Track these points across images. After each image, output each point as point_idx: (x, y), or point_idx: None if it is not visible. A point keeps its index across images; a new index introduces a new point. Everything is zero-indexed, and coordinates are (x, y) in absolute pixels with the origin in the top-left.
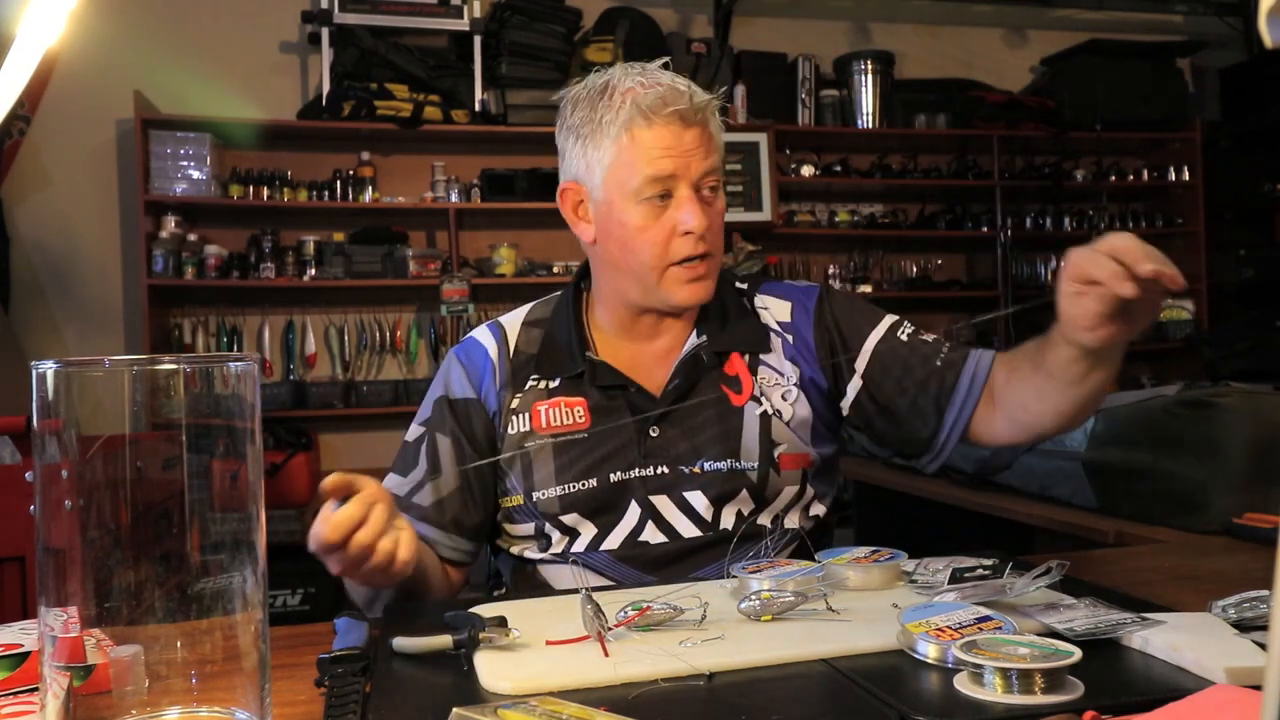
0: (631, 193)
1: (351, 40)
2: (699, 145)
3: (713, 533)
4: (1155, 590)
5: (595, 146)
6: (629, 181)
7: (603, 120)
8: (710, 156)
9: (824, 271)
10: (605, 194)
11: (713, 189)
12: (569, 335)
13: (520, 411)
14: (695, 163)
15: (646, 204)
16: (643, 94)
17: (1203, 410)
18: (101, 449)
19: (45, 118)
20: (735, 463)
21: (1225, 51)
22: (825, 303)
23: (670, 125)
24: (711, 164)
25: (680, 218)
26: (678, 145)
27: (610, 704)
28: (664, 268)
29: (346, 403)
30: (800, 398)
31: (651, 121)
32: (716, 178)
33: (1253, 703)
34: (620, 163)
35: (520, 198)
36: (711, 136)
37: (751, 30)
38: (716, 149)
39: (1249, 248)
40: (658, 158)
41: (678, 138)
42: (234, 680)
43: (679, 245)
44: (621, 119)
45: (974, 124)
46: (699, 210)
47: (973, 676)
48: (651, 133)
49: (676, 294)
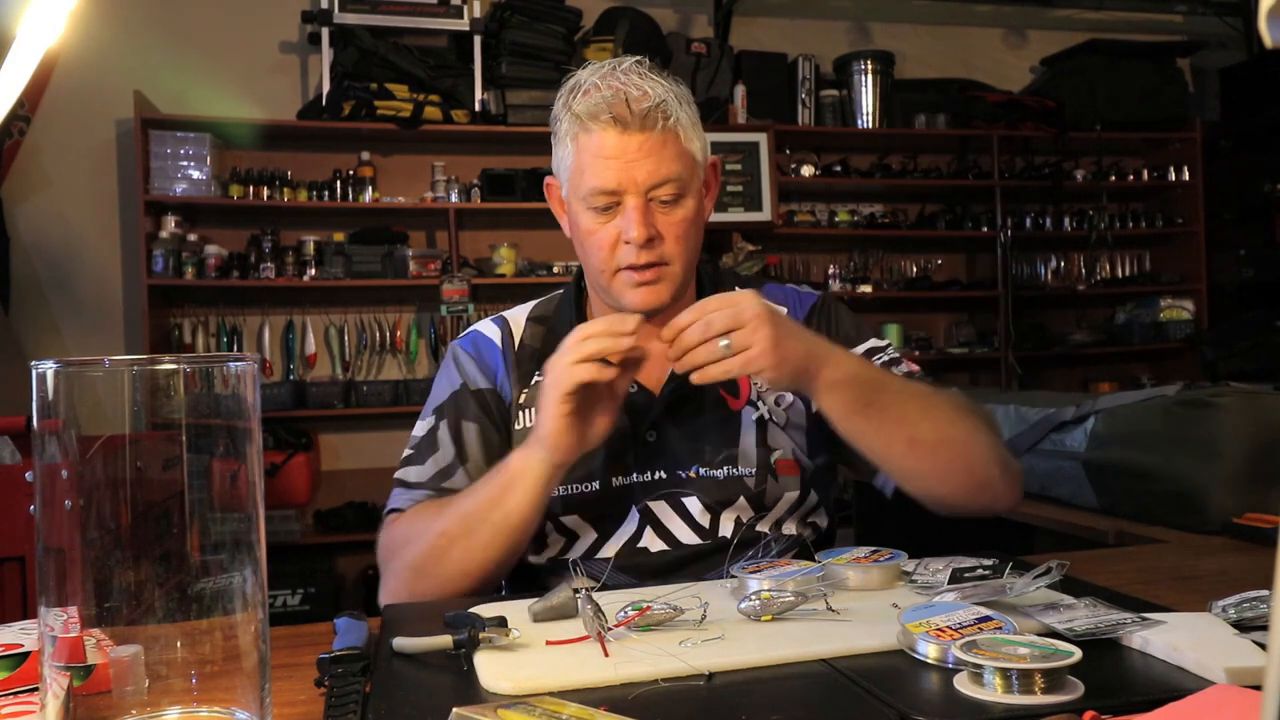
0: (581, 199)
1: (351, 40)
2: (647, 154)
3: (711, 540)
4: (1155, 590)
5: (560, 146)
6: (580, 187)
7: (560, 121)
8: (665, 165)
9: (824, 271)
10: (568, 194)
11: (670, 198)
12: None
13: (526, 406)
14: (641, 173)
15: (595, 210)
16: (584, 99)
17: (1203, 410)
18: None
19: (45, 118)
20: (733, 469)
21: (1225, 51)
22: (816, 315)
23: (607, 132)
24: (665, 173)
25: (623, 227)
26: (621, 154)
27: (610, 704)
28: (613, 271)
29: (346, 403)
30: (795, 402)
31: (589, 128)
32: (676, 185)
33: (1253, 703)
34: (574, 167)
35: (520, 198)
36: (666, 142)
37: (751, 30)
38: (677, 155)
39: (1249, 248)
40: (601, 168)
41: (619, 145)
42: (234, 680)
43: (623, 253)
44: (570, 123)
45: (974, 124)
46: (640, 221)
47: (973, 676)
48: (591, 139)
49: (625, 296)
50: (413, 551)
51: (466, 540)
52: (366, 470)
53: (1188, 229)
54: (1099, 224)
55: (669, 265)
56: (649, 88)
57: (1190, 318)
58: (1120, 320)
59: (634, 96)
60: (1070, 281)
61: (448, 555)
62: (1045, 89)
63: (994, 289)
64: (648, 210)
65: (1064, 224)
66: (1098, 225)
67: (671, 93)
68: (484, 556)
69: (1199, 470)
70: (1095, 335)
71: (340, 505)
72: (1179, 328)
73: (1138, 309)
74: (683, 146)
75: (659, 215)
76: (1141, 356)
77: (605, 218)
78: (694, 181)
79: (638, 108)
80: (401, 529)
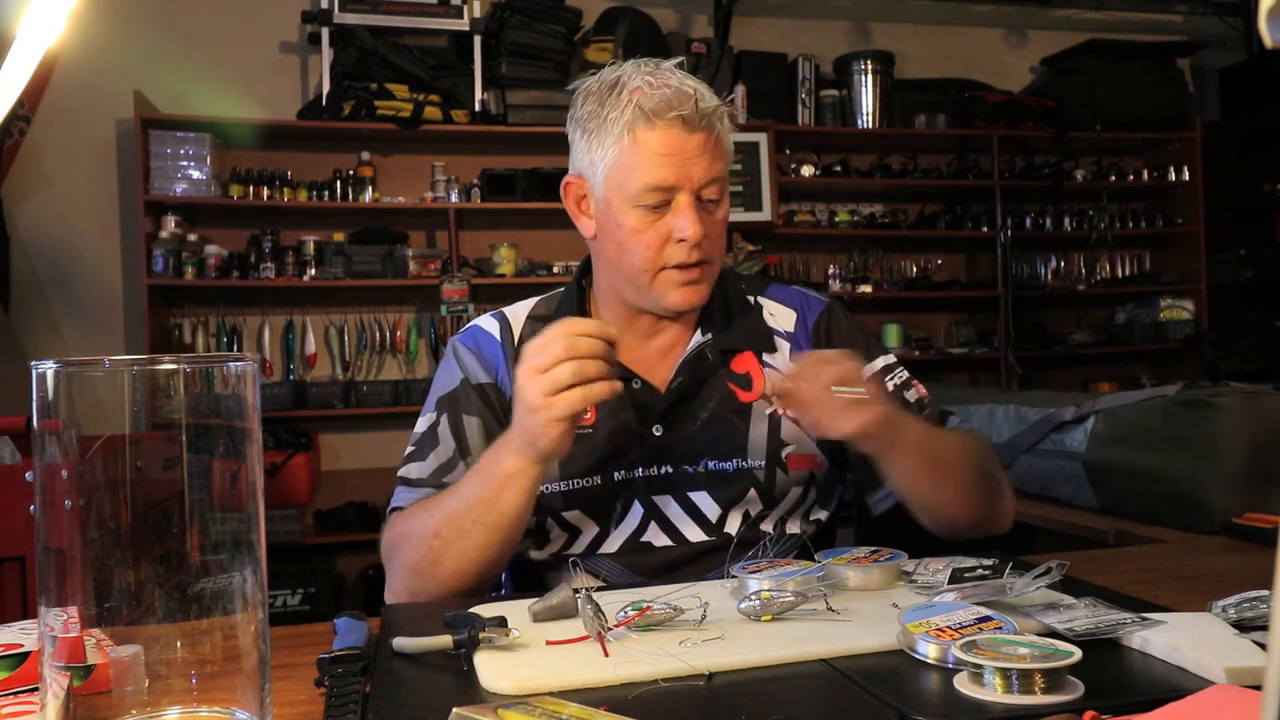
0: (630, 196)
1: (351, 40)
2: (702, 152)
3: (716, 537)
4: (1155, 590)
5: (599, 144)
6: (628, 184)
7: (608, 118)
8: (716, 164)
9: (824, 271)
10: (605, 193)
11: (715, 197)
12: None
13: None
14: (697, 170)
15: (644, 209)
16: (648, 95)
17: (1203, 410)
18: (101, 449)
19: (45, 118)
20: (742, 462)
21: (1225, 51)
22: (825, 324)
23: (673, 129)
24: (716, 171)
25: (677, 225)
26: (680, 151)
27: (610, 704)
28: (656, 270)
29: (346, 403)
30: None
31: (654, 124)
32: (720, 186)
33: (1253, 703)
34: (621, 164)
35: (520, 198)
36: (719, 142)
37: (751, 30)
38: (723, 155)
39: (1249, 248)
40: (659, 164)
41: (681, 142)
42: (234, 680)
43: (673, 251)
44: (625, 119)
45: (974, 124)
46: (696, 219)
47: (973, 676)
48: (654, 136)
49: (669, 296)
50: (409, 553)
51: (461, 542)
52: (366, 470)
53: (1188, 229)
54: (1099, 224)
55: (710, 265)
56: (702, 89)
57: (1190, 318)
58: (1120, 320)
59: (701, 95)
60: (1070, 281)
61: (443, 557)
62: (1045, 89)
63: (994, 289)
64: (699, 208)
65: (1064, 224)
66: (1098, 225)
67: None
68: (479, 556)
69: (1199, 470)
70: (1095, 335)
71: (340, 505)
72: (1179, 328)
73: (1138, 309)
74: (727, 148)
75: (704, 214)
76: (1141, 356)
77: (654, 216)
78: (727, 183)
79: (704, 106)
80: (400, 528)
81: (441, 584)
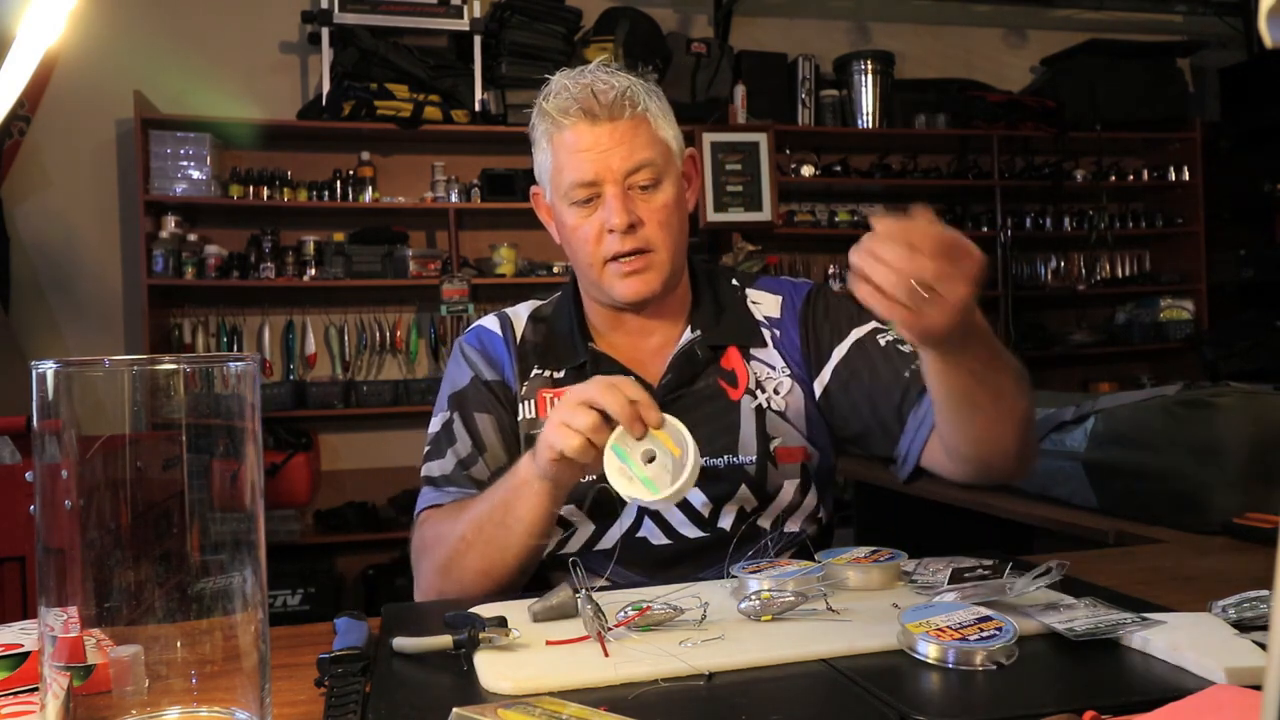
0: (564, 195)
1: (351, 40)
2: (618, 142)
3: (711, 532)
4: (1155, 590)
5: (539, 152)
6: (560, 185)
7: (536, 127)
8: (639, 152)
9: (824, 271)
10: (552, 197)
11: (648, 183)
12: (571, 327)
13: (526, 398)
14: (616, 160)
15: (578, 205)
16: (557, 97)
17: (1203, 410)
18: (101, 449)
19: (45, 118)
20: (733, 457)
21: (1225, 51)
22: (812, 303)
23: (580, 125)
24: (640, 159)
25: (604, 216)
26: (594, 145)
27: (610, 704)
28: (601, 264)
29: (346, 403)
30: (794, 388)
31: (562, 125)
32: (653, 171)
33: (1253, 703)
34: (553, 167)
35: (520, 198)
36: (637, 129)
37: (751, 30)
38: (649, 141)
39: (1249, 248)
40: (576, 161)
41: (592, 137)
42: (234, 680)
43: (608, 243)
44: (545, 125)
45: (974, 124)
46: (620, 208)
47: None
48: (565, 135)
49: (615, 288)
50: (439, 554)
51: (484, 545)
52: (366, 470)
53: (1187, 229)
54: (1099, 224)
55: (654, 252)
56: (613, 80)
57: (1190, 318)
58: (1120, 320)
59: (599, 89)
60: (1070, 281)
61: (467, 558)
62: (1045, 89)
63: (994, 289)
64: (627, 198)
65: (1064, 224)
66: (1098, 225)
67: (638, 83)
68: (501, 558)
69: (1199, 470)
70: (1095, 335)
71: (340, 505)
72: (1179, 328)
73: (1138, 309)
74: (654, 133)
75: (639, 202)
76: (1141, 356)
77: (587, 211)
78: (670, 168)
79: (604, 99)
80: (430, 530)
81: (466, 584)
